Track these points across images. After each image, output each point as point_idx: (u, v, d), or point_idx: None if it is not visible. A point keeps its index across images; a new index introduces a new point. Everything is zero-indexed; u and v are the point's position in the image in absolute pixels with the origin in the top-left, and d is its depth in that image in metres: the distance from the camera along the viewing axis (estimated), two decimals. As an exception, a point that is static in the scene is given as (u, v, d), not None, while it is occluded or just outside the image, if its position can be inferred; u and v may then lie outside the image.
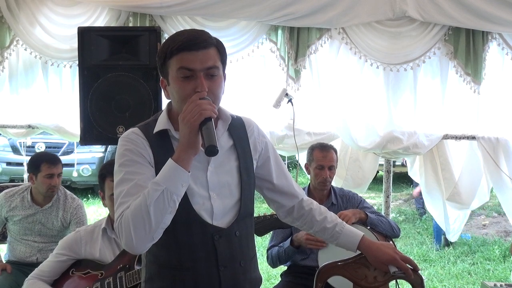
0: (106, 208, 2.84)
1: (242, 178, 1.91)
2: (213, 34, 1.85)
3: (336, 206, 3.52)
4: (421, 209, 8.28)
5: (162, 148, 1.80)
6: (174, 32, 3.89)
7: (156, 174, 1.72)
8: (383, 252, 2.12)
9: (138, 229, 1.64)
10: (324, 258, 3.12)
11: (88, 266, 2.61)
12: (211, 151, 1.64)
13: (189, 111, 1.66)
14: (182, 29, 3.95)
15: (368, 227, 3.21)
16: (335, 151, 3.63)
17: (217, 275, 1.89)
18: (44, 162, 3.65)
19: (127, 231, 1.65)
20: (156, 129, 1.81)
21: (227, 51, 4.31)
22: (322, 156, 3.53)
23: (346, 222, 3.13)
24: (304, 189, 3.64)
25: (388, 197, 4.33)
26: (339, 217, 3.17)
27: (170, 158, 1.68)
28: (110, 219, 2.72)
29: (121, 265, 2.51)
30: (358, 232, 2.15)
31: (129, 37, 3.61)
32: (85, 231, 2.73)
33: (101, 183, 2.72)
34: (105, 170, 2.69)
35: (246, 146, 1.96)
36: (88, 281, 2.56)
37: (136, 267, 2.45)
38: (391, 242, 3.30)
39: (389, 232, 3.32)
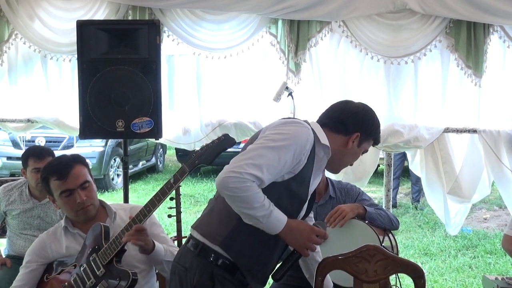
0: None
1: None
2: (213, 27, 1.83)
3: (334, 199, 3.49)
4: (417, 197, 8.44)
5: (310, 159, 2.12)
6: (174, 25, 3.91)
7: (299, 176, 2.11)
8: None
9: (241, 204, 2.01)
10: (323, 252, 3.10)
11: (60, 266, 2.58)
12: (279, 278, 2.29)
13: (314, 241, 2.21)
14: (181, 22, 3.95)
15: (366, 222, 3.20)
16: None
17: None
18: (31, 156, 3.63)
19: (238, 193, 1.95)
20: (325, 141, 2.22)
21: (227, 44, 4.28)
22: None
23: (344, 218, 3.16)
24: None
25: (389, 190, 4.31)
26: (337, 212, 3.19)
27: (287, 221, 2.11)
28: (67, 217, 2.68)
29: (90, 249, 2.47)
30: None
31: (129, 31, 3.59)
32: (46, 234, 2.68)
33: (46, 187, 2.61)
34: (46, 173, 2.60)
35: None
36: (65, 276, 2.52)
37: (104, 243, 2.43)
38: (390, 235, 3.29)
39: (387, 225, 3.30)
